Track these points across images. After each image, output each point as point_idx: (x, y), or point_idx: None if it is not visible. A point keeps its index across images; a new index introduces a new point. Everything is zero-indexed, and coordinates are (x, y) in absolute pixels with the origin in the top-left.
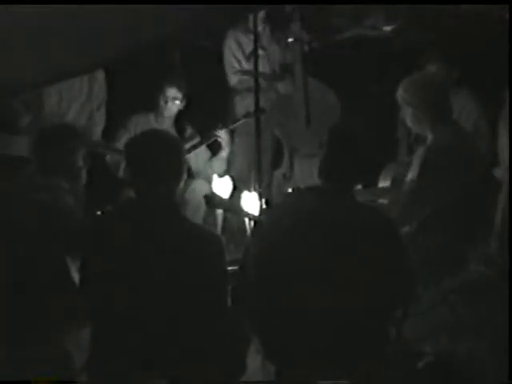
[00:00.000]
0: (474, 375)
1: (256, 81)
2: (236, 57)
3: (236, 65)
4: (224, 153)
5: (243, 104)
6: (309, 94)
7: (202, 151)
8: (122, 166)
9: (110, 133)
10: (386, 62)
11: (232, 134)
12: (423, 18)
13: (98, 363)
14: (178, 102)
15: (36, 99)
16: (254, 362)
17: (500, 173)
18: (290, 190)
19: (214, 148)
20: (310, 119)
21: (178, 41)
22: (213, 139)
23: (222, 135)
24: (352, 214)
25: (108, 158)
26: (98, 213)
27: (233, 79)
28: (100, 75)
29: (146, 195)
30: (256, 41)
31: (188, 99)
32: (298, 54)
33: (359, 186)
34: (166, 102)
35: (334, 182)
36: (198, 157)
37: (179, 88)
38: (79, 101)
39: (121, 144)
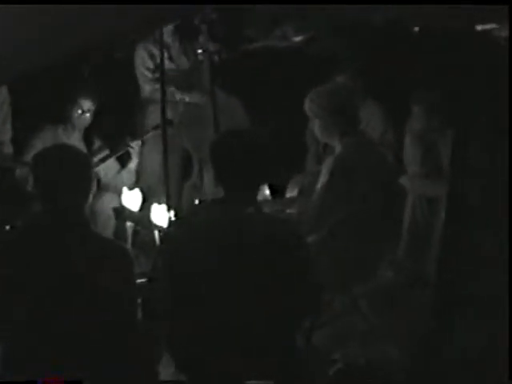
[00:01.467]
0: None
1: (163, 92)
2: (148, 68)
3: (149, 75)
4: (133, 165)
5: (154, 116)
6: (217, 105)
7: (112, 164)
8: (31, 180)
9: (17, 147)
10: (296, 72)
11: (142, 145)
12: (334, 28)
13: (10, 375)
14: (88, 115)
15: None
16: (166, 373)
17: (406, 181)
18: (197, 202)
19: (124, 160)
20: (219, 130)
21: (87, 52)
22: (122, 152)
23: (132, 147)
24: (256, 224)
25: (17, 171)
26: (7, 227)
27: (146, 90)
28: (3, 89)
29: (53, 210)
30: (162, 52)
31: (97, 111)
32: (206, 65)
33: (268, 198)
34: (81, 114)
35: (232, 193)
36: (107, 169)
37: (93, 100)
38: None
39: (29, 158)
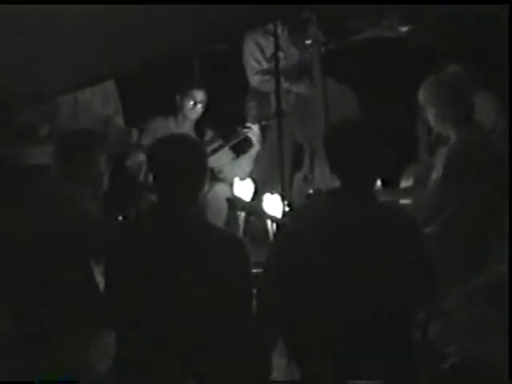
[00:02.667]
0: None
1: (277, 83)
2: (256, 59)
3: (257, 66)
4: (252, 153)
5: (263, 106)
6: (328, 95)
7: (224, 154)
8: (143, 170)
9: None
10: (404, 62)
11: (260, 134)
12: (439, 18)
13: (123, 367)
14: (200, 106)
15: (52, 108)
16: (279, 364)
17: None
18: (311, 192)
19: (238, 150)
20: (330, 120)
21: (196, 44)
22: (235, 141)
23: (251, 135)
24: (373, 214)
25: (128, 162)
26: (120, 218)
27: (254, 80)
28: (110, 82)
29: (169, 200)
30: (277, 43)
31: (207, 102)
32: (316, 56)
33: (380, 187)
34: (194, 105)
35: (349, 184)
36: (219, 160)
37: (205, 91)
38: (95, 107)
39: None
